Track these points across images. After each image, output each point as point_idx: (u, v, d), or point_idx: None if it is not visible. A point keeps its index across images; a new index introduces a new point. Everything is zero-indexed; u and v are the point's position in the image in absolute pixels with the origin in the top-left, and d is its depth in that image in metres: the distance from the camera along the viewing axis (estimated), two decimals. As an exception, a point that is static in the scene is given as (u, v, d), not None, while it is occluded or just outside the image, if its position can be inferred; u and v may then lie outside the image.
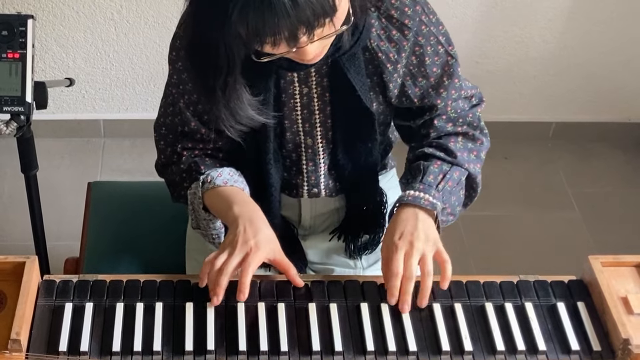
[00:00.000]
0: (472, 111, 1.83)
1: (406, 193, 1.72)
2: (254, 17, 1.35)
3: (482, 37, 3.27)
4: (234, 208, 1.66)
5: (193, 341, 1.53)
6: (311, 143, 1.80)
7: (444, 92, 1.77)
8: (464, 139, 1.81)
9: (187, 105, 1.75)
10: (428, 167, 1.75)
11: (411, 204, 1.70)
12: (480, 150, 1.82)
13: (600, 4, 3.21)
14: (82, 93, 3.36)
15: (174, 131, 1.81)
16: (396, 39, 1.68)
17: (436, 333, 1.57)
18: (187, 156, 1.79)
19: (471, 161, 1.79)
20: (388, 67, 1.71)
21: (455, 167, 1.76)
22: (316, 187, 1.87)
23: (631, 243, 3.12)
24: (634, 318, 1.59)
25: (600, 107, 3.55)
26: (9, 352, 1.46)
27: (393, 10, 1.66)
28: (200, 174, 1.74)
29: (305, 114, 1.76)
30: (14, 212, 3.09)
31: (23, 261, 1.57)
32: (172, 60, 1.72)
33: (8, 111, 1.95)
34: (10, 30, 1.93)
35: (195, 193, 1.73)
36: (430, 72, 1.74)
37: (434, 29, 1.72)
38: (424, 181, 1.73)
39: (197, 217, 1.76)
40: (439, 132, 1.81)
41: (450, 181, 1.75)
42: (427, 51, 1.72)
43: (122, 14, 3.12)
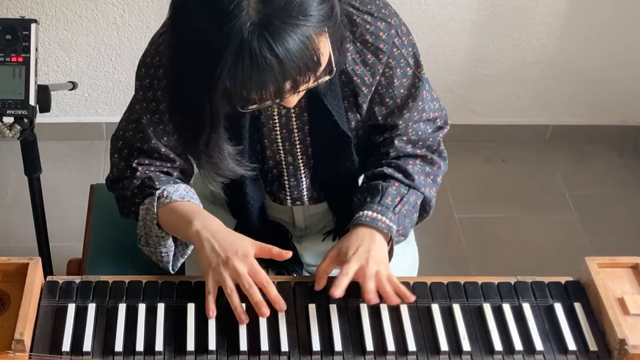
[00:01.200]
0: (434, 135, 1.82)
1: (363, 213, 1.70)
2: (241, 77, 1.34)
3: (480, 41, 3.28)
4: (194, 223, 1.63)
5: (194, 341, 1.53)
6: (292, 160, 1.80)
7: (406, 113, 1.76)
8: (422, 162, 1.80)
9: (149, 123, 1.72)
10: (387, 189, 1.74)
11: (368, 225, 1.68)
12: (437, 174, 1.82)
13: (597, 9, 3.21)
14: (85, 96, 3.36)
15: (130, 146, 1.77)
16: (371, 63, 1.67)
17: (435, 333, 1.57)
18: (141, 171, 1.75)
19: (427, 185, 1.79)
20: (363, 90, 1.70)
21: (412, 191, 1.76)
22: (299, 200, 1.88)
23: (627, 245, 3.12)
24: (630, 319, 1.59)
25: (597, 110, 3.55)
26: (13, 352, 1.46)
27: (368, 35, 1.65)
28: (155, 189, 1.72)
29: (284, 134, 1.75)
30: (17, 214, 3.09)
31: (26, 262, 1.57)
32: (141, 76, 1.70)
33: (12, 114, 1.95)
34: (14, 34, 1.93)
35: (149, 209, 1.70)
36: (397, 93, 1.73)
37: (405, 51, 1.71)
38: (382, 203, 1.72)
39: (147, 234, 1.73)
40: (398, 153, 1.80)
41: (407, 205, 1.74)
42: (397, 73, 1.71)
43: (124, 18, 3.12)
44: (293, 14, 1.33)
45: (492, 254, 3.08)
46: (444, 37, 3.20)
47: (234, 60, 1.32)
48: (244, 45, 1.32)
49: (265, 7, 1.32)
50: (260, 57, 1.32)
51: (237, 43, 1.32)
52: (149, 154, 1.76)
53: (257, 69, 1.33)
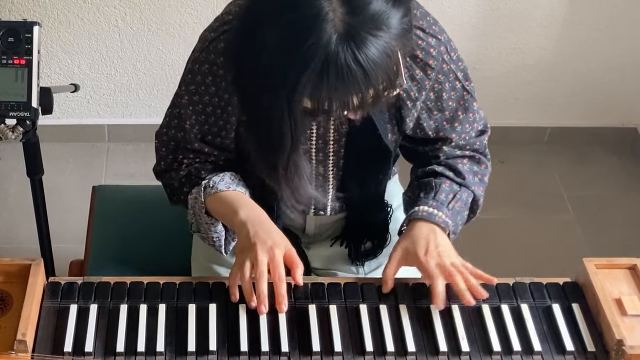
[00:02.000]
0: (480, 139, 1.82)
1: (420, 208, 1.70)
2: (326, 89, 1.33)
3: (479, 44, 3.28)
4: (240, 212, 1.64)
5: (195, 342, 1.53)
6: (322, 171, 1.79)
7: (458, 126, 1.76)
8: (470, 162, 1.80)
9: (192, 126, 1.72)
10: (440, 185, 1.74)
11: (425, 219, 1.69)
12: (485, 174, 1.82)
13: (595, 12, 3.22)
14: (87, 98, 3.36)
15: (176, 142, 1.79)
16: (418, 79, 1.66)
17: (434, 334, 1.57)
18: (187, 164, 1.77)
19: (476, 184, 1.79)
20: (407, 104, 1.69)
21: (463, 189, 1.76)
22: (323, 210, 1.87)
23: (625, 246, 3.12)
24: (627, 319, 1.59)
25: (595, 112, 3.55)
26: (15, 353, 1.46)
27: (419, 50, 1.64)
28: (201, 179, 1.73)
29: (320, 144, 1.74)
30: (20, 216, 3.09)
31: (29, 263, 1.57)
32: (187, 82, 1.68)
33: (14, 116, 1.94)
34: (17, 36, 1.93)
35: (197, 198, 1.71)
36: (445, 106, 1.73)
37: (454, 66, 1.70)
38: (437, 198, 1.72)
39: (197, 221, 1.74)
40: (447, 156, 1.80)
41: (460, 202, 1.75)
42: (445, 87, 1.71)
43: (126, 21, 3.12)
44: (379, 26, 1.33)
45: (491, 255, 3.08)
46: (443, 40, 3.19)
47: (319, 74, 1.32)
48: (330, 59, 1.31)
49: (352, 18, 1.31)
50: (346, 68, 1.31)
51: (323, 56, 1.31)
52: (192, 151, 1.77)
53: (342, 81, 1.32)
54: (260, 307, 1.55)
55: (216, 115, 1.69)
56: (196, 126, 1.72)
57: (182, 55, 3.22)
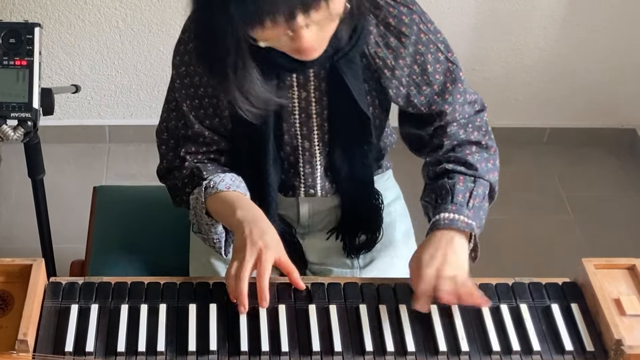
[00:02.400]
0: (480, 116, 1.81)
1: (441, 217, 1.67)
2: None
3: (478, 45, 3.28)
4: (237, 212, 1.65)
5: (196, 342, 1.53)
6: (308, 146, 1.80)
7: (449, 97, 1.76)
8: (479, 149, 1.79)
9: (190, 109, 1.75)
10: (454, 186, 1.72)
11: (448, 227, 1.66)
12: (495, 158, 1.82)
13: (593, 13, 3.22)
14: (88, 99, 3.36)
15: (175, 136, 1.81)
16: (394, 46, 1.69)
17: (433, 334, 1.57)
18: (189, 161, 1.78)
19: (490, 171, 1.78)
20: (386, 72, 1.71)
21: (478, 181, 1.74)
22: (312, 188, 1.88)
23: (624, 246, 3.12)
24: (626, 319, 1.59)
25: (594, 113, 3.55)
26: (16, 353, 1.46)
27: (391, 18, 1.67)
28: (202, 179, 1.74)
29: (303, 118, 1.76)
30: (21, 216, 3.10)
31: (30, 263, 1.57)
32: (176, 65, 1.73)
33: (15, 117, 1.94)
34: (18, 38, 1.93)
35: (198, 198, 1.72)
36: (433, 80, 1.74)
37: (433, 36, 1.72)
38: (455, 201, 1.69)
39: (199, 222, 1.75)
40: (452, 140, 1.78)
41: (478, 197, 1.72)
42: (429, 59, 1.72)
43: (127, 22, 3.13)
44: None
45: (490, 255, 3.06)
46: (443, 41, 3.20)
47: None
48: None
49: None
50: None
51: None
52: (194, 139, 1.78)
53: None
54: (240, 307, 1.56)
55: (208, 95, 1.72)
56: (192, 111, 1.75)
57: (182, 56, 3.22)
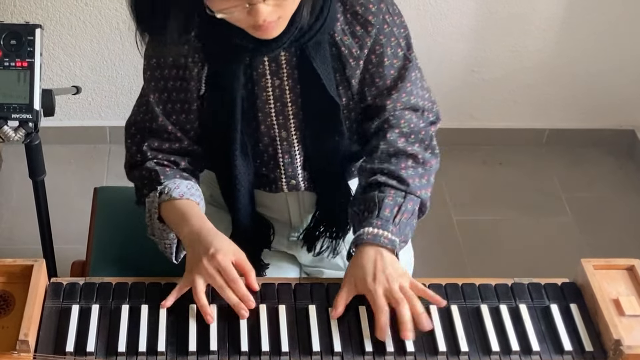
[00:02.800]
0: (426, 129, 1.79)
1: (364, 231, 1.66)
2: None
3: (477, 47, 3.28)
4: (185, 226, 1.65)
5: (196, 342, 1.53)
6: (285, 135, 1.79)
7: (395, 93, 1.75)
8: (414, 163, 1.76)
9: (158, 102, 1.74)
10: (383, 200, 1.69)
11: (371, 243, 1.65)
12: (431, 173, 1.78)
13: (593, 15, 3.22)
14: (89, 100, 3.36)
15: (142, 130, 1.79)
16: (359, 35, 1.68)
17: (433, 334, 1.57)
18: (150, 160, 1.77)
19: (422, 187, 1.75)
20: (350, 62, 1.70)
21: (408, 197, 1.71)
22: (294, 179, 1.86)
23: (623, 246, 3.12)
24: (625, 319, 1.59)
25: (593, 114, 3.55)
26: (17, 353, 1.46)
27: (358, 6, 1.66)
28: (159, 183, 1.73)
29: (278, 107, 1.75)
30: (22, 217, 3.09)
31: (31, 264, 1.57)
32: (148, 56, 1.73)
33: (16, 118, 1.94)
34: (19, 39, 1.93)
35: (153, 202, 1.71)
36: (387, 74, 1.73)
37: (396, 30, 1.71)
38: (381, 216, 1.67)
39: (152, 226, 1.74)
40: (389, 146, 1.75)
41: (406, 213, 1.70)
42: (387, 52, 1.71)
43: (127, 24, 3.12)
44: None
45: (490, 256, 3.08)
46: (442, 43, 3.20)
47: None
48: None
49: None
50: None
51: None
52: (158, 134, 1.77)
53: None
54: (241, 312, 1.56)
55: (177, 89, 1.72)
56: (160, 104, 1.74)
57: (183, 57, 3.22)
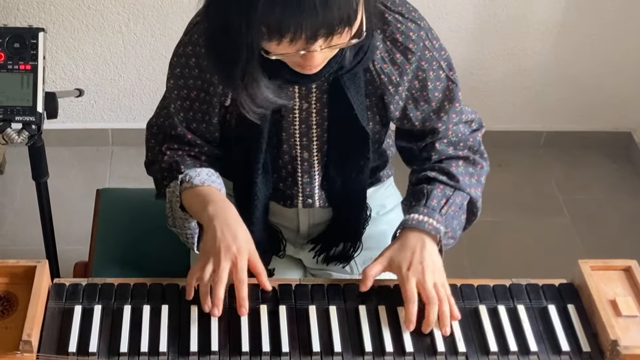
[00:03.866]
0: (473, 135, 1.81)
1: (410, 217, 1.68)
2: (280, 12, 1.33)
3: (476, 49, 3.28)
4: (208, 208, 1.63)
5: (198, 342, 1.53)
6: (307, 156, 1.79)
7: (444, 116, 1.75)
8: (465, 163, 1.78)
9: (179, 110, 1.74)
10: (432, 191, 1.72)
11: (416, 228, 1.66)
12: (481, 174, 1.80)
13: (589, 18, 3.22)
14: (91, 103, 3.36)
15: (164, 132, 1.80)
16: (399, 62, 1.66)
17: (431, 334, 1.57)
18: (169, 155, 1.77)
19: (472, 185, 1.77)
20: (390, 89, 1.69)
21: (457, 192, 1.73)
22: (310, 198, 1.86)
23: (620, 248, 3.11)
24: (622, 320, 1.59)
25: (590, 116, 3.55)
26: (21, 353, 1.46)
27: (398, 34, 1.65)
28: (179, 172, 1.72)
29: (303, 129, 1.74)
30: (25, 218, 3.09)
31: (34, 265, 1.57)
32: (173, 64, 1.71)
33: (20, 121, 1.95)
34: (22, 42, 1.93)
35: (174, 191, 1.71)
36: (432, 97, 1.72)
37: (437, 54, 1.70)
38: (428, 205, 1.70)
39: (173, 216, 1.73)
40: (440, 155, 1.78)
41: (453, 205, 1.72)
42: (430, 76, 1.70)
43: (129, 27, 3.13)
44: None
45: (488, 257, 3.08)
46: (441, 46, 3.20)
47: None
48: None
49: None
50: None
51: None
52: (177, 140, 1.77)
53: (298, 5, 1.32)
54: (213, 309, 1.55)
55: (200, 99, 1.70)
56: (181, 112, 1.74)
57: (184, 60, 3.22)
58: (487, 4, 3.15)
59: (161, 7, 3.07)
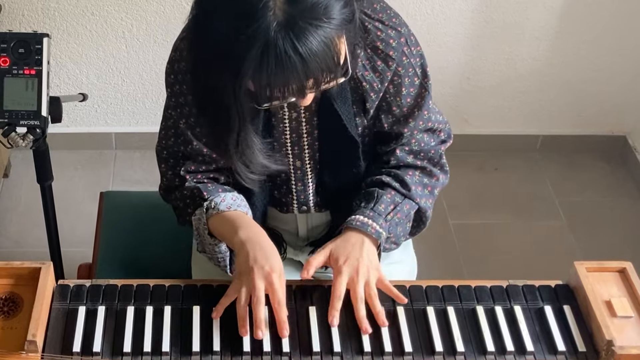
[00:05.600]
0: (436, 148, 1.81)
1: (355, 217, 1.69)
2: (266, 75, 1.34)
3: (473, 55, 3.28)
4: (239, 232, 1.62)
5: (200, 342, 1.53)
6: (300, 165, 1.78)
7: (412, 121, 1.75)
8: (421, 174, 1.78)
9: (187, 127, 1.72)
10: (382, 196, 1.72)
11: (358, 229, 1.67)
12: (435, 186, 1.80)
13: (584, 25, 3.22)
14: (95, 107, 3.36)
15: (174, 155, 1.78)
16: (380, 69, 1.66)
17: (430, 335, 1.57)
18: (189, 180, 1.75)
19: (424, 196, 1.77)
20: (371, 95, 1.69)
21: (407, 200, 1.74)
22: (305, 205, 1.86)
23: (614, 249, 3.12)
24: (617, 320, 1.60)
25: (585, 121, 3.56)
26: (26, 353, 1.46)
27: (379, 42, 1.64)
28: (203, 200, 1.71)
29: (294, 137, 1.74)
30: (30, 221, 3.10)
31: (39, 267, 1.57)
32: (170, 83, 1.70)
33: (25, 124, 1.95)
34: (27, 48, 1.93)
35: (200, 219, 1.69)
36: (404, 102, 1.72)
37: (414, 60, 1.69)
38: (375, 209, 1.70)
39: (202, 242, 1.72)
40: (399, 162, 1.78)
41: (400, 213, 1.73)
42: (405, 82, 1.70)
43: (132, 33, 3.13)
44: (318, 16, 1.33)
45: (485, 259, 3.08)
46: (439, 51, 3.20)
47: (259, 59, 1.32)
48: (269, 45, 1.32)
49: (291, 7, 1.32)
50: (285, 56, 1.32)
51: (263, 42, 1.32)
52: (193, 158, 1.75)
53: (281, 68, 1.33)
54: (257, 332, 1.52)
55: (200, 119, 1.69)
56: (189, 129, 1.72)
57: (186, 65, 3.22)
58: (484, 10, 3.16)
59: (163, 13, 3.08)
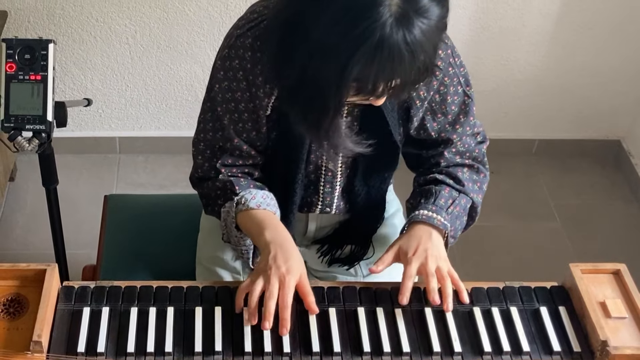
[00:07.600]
0: (479, 147, 1.85)
1: (420, 212, 1.72)
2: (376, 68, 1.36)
3: (470, 60, 3.28)
4: (265, 233, 1.63)
5: (202, 343, 1.53)
6: (332, 167, 1.79)
7: (459, 128, 1.78)
8: (470, 171, 1.82)
9: (230, 122, 1.71)
10: (439, 192, 1.76)
11: (424, 222, 1.70)
12: (483, 182, 1.84)
13: (579, 31, 3.23)
14: (99, 112, 3.36)
15: (212, 147, 1.76)
16: (427, 80, 1.65)
17: (427, 335, 1.57)
18: (224, 173, 1.75)
19: (475, 191, 1.81)
20: (417, 103, 1.71)
21: (462, 195, 1.78)
22: (329, 207, 1.87)
23: (609, 251, 3.12)
24: (611, 321, 1.60)
25: (580, 125, 3.56)
26: (31, 353, 1.46)
27: None
28: (235, 194, 1.71)
29: None
30: (35, 223, 3.10)
31: (44, 268, 1.57)
32: (220, 79, 1.68)
33: (30, 129, 1.95)
34: (33, 53, 1.93)
35: (229, 212, 1.70)
36: (449, 110, 1.75)
37: (457, 70, 1.72)
38: (436, 203, 1.74)
39: (229, 234, 1.73)
40: (448, 163, 1.81)
41: (458, 207, 1.76)
42: (450, 91, 1.72)
43: (136, 39, 3.13)
44: (426, 14, 1.35)
45: (482, 260, 3.08)
46: (437, 57, 3.20)
47: (372, 52, 1.33)
48: (384, 37, 1.33)
49: (405, 3, 1.34)
50: (397, 48, 1.34)
51: (378, 35, 1.32)
52: (231, 152, 1.75)
53: (391, 60, 1.35)
54: (264, 323, 1.53)
55: (249, 110, 1.68)
56: (233, 124, 1.71)
57: (189, 71, 3.22)
58: (481, 17, 3.16)
59: (166, 19, 3.08)
